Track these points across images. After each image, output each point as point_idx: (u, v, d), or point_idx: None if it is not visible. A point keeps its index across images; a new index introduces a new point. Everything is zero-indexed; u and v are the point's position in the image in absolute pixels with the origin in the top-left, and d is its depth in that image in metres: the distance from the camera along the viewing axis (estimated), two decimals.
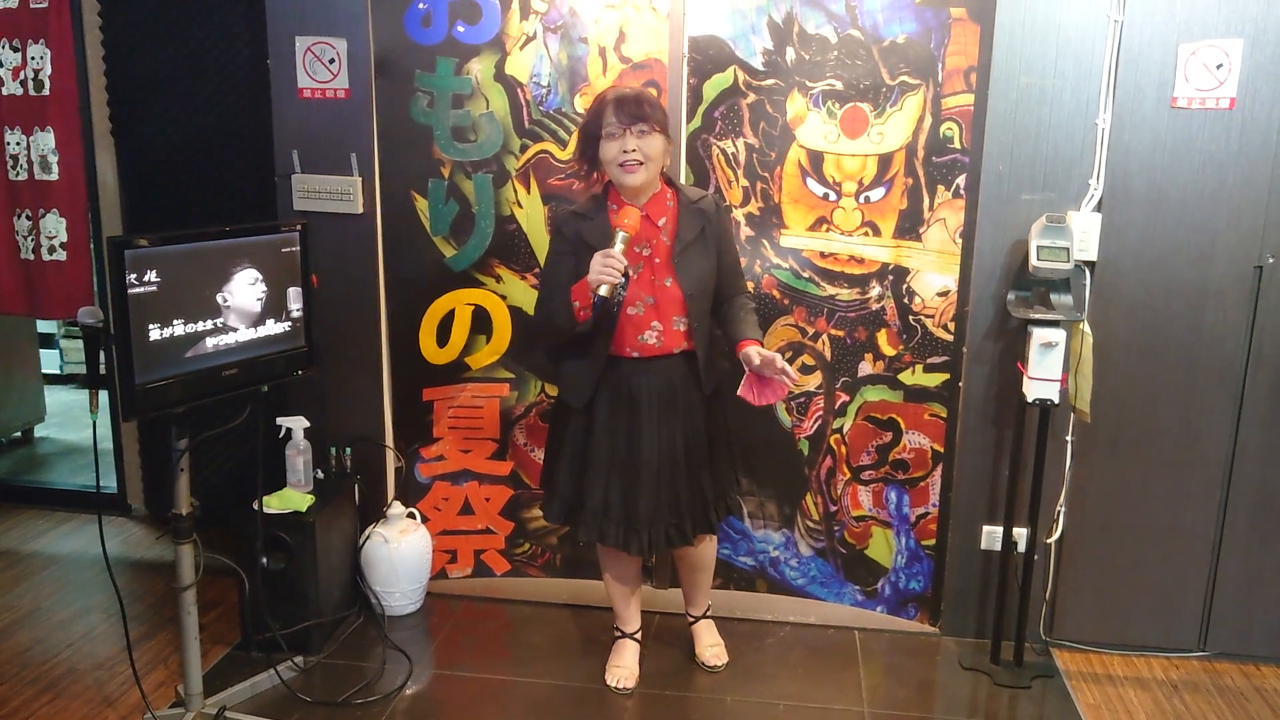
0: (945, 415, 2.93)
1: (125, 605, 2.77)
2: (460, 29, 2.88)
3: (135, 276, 2.14)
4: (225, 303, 2.35)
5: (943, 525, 2.98)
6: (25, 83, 3.35)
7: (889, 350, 2.93)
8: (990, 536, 2.94)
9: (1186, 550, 2.89)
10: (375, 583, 3.05)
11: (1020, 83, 2.71)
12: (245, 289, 2.39)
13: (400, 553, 3.03)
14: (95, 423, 2.33)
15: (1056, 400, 2.66)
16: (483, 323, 3.06)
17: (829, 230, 2.88)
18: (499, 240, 3.00)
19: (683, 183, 2.76)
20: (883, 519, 3.03)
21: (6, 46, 3.34)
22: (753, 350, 2.42)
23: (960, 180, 2.80)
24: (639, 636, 2.83)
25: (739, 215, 2.88)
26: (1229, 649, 2.94)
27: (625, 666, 2.76)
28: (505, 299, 3.04)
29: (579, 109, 2.88)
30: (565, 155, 2.92)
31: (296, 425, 2.89)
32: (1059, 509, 2.89)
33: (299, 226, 2.55)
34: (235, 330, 2.39)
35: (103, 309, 2.21)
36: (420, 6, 2.88)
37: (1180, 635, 2.95)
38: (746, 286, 2.72)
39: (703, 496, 2.60)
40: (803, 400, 2.96)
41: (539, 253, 2.99)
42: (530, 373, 3.07)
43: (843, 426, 2.99)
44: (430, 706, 2.68)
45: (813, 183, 2.86)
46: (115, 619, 3.03)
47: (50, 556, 3.52)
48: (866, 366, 2.94)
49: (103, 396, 3.56)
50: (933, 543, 3.00)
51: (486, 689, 2.75)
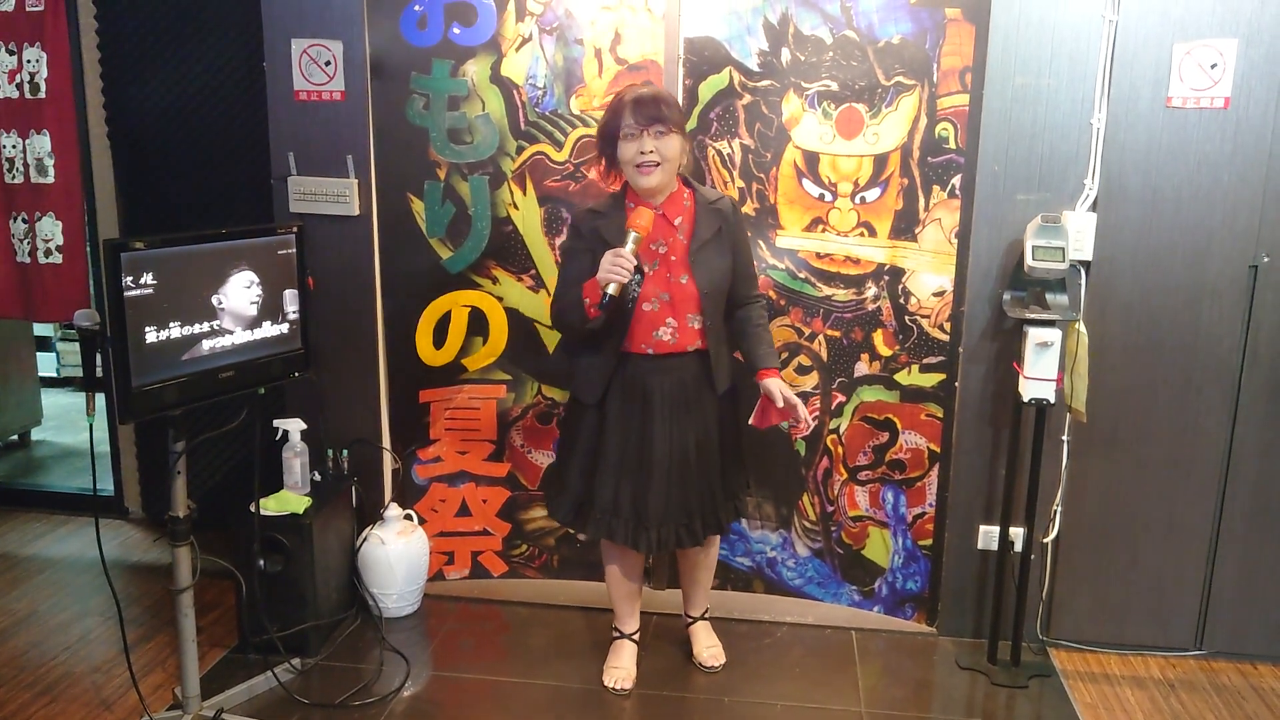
0: (942, 415, 2.94)
1: (122, 608, 2.77)
2: (456, 31, 2.88)
3: (131, 279, 2.14)
4: (220, 305, 2.35)
5: (939, 525, 2.98)
6: (21, 86, 3.35)
7: (885, 350, 2.93)
8: (987, 536, 2.94)
9: (1183, 549, 2.89)
10: (372, 584, 3.05)
11: (1015, 83, 2.71)
12: (240, 291, 2.39)
13: (397, 554, 3.03)
14: (92, 426, 2.33)
15: (1052, 400, 2.66)
16: (479, 324, 3.06)
17: (825, 231, 2.88)
18: (495, 242, 3.00)
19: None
20: (880, 519, 3.03)
21: (2, 49, 3.33)
22: (775, 388, 2.49)
23: (956, 180, 2.81)
24: (637, 638, 2.83)
25: None
26: (1226, 648, 2.95)
27: (623, 667, 2.77)
28: (502, 301, 3.04)
29: (575, 110, 2.88)
30: (561, 157, 2.92)
31: (293, 427, 2.89)
32: (1055, 508, 2.90)
33: (295, 229, 2.55)
34: (231, 333, 2.39)
35: (99, 312, 2.21)
36: (416, 8, 2.88)
37: (1177, 634, 2.96)
38: (759, 290, 2.72)
39: (713, 496, 2.61)
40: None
41: (535, 254, 2.99)
42: (528, 375, 3.07)
43: (839, 427, 2.99)
44: (428, 708, 2.68)
45: (808, 183, 2.86)
46: (112, 622, 3.02)
47: (47, 559, 3.52)
48: (863, 367, 2.95)
49: (100, 399, 3.59)
50: (929, 543, 3.01)
51: (484, 690, 2.75)
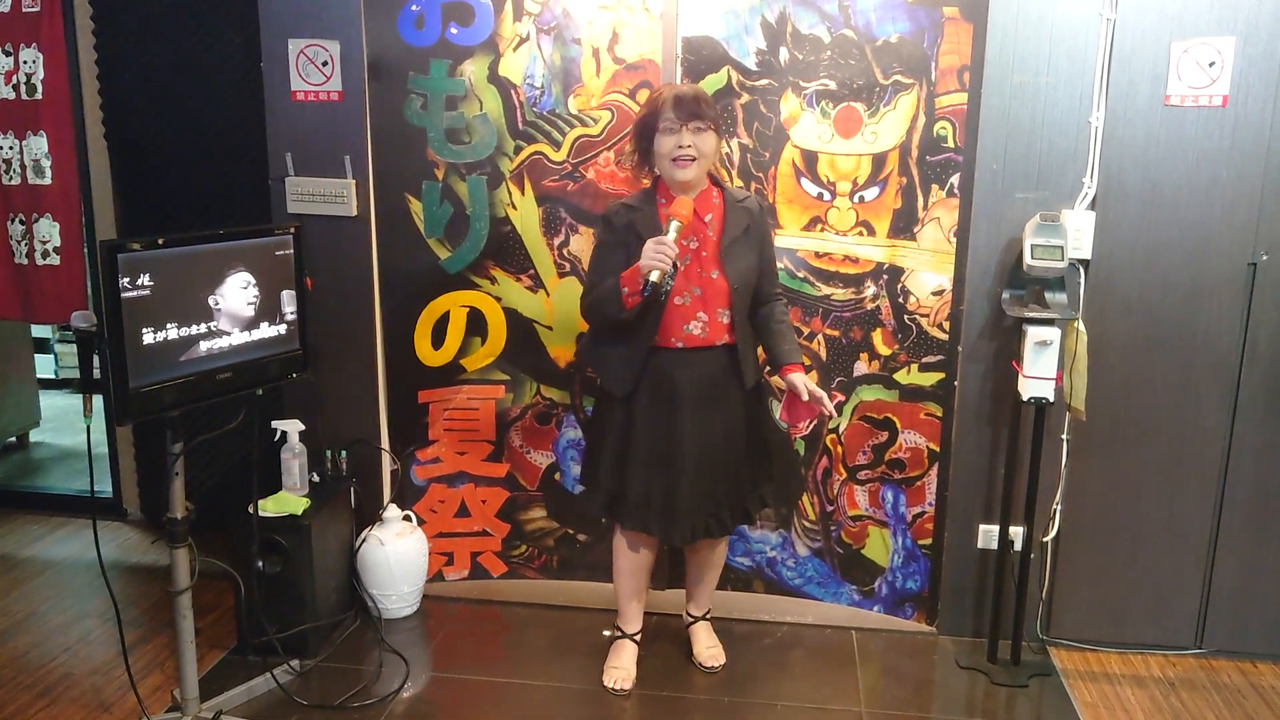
0: (941, 414, 2.93)
1: (121, 610, 2.76)
2: (453, 31, 2.88)
3: (128, 280, 2.14)
4: (217, 306, 2.34)
5: (939, 524, 2.98)
6: (18, 87, 3.34)
7: (884, 350, 2.93)
8: (987, 535, 2.94)
9: (1183, 548, 2.89)
10: (371, 586, 3.05)
11: (1013, 81, 2.71)
12: (237, 292, 2.39)
13: (396, 555, 3.03)
14: (90, 427, 2.33)
15: (1052, 398, 2.66)
16: (478, 325, 3.06)
17: (824, 230, 2.88)
18: (493, 242, 2.99)
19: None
20: (879, 519, 3.03)
21: None
22: (800, 382, 2.54)
23: (954, 179, 2.80)
24: (639, 638, 2.83)
25: None
26: (1225, 646, 2.95)
27: (623, 668, 2.76)
28: (500, 301, 3.03)
29: (573, 110, 2.88)
30: (559, 156, 2.91)
31: (292, 428, 2.89)
32: (1055, 507, 2.89)
33: (293, 229, 2.54)
34: (229, 334, 2.38)
35: (97, 313, 2.20)
36: (413, 8, 2.88)
37: (1177, 633, 2.96)
38: (779, 287, 2.74)
39: (740, 488, 2.64)
40: None
41: (533, 254, 2.99)
42: (527, 375, 3.07)
43: (839, 426, 2.99)
44: (427, 709, 2.67)
45: (807, 183, 2.86)
46: (111, 623, 3.02)
47: (46, 561, 3.51)
48: (862, 366, 2.94)
49: (97, 401, 3.57)
50: (929, 542, 3.01)
51: (483, 691, 2.75)
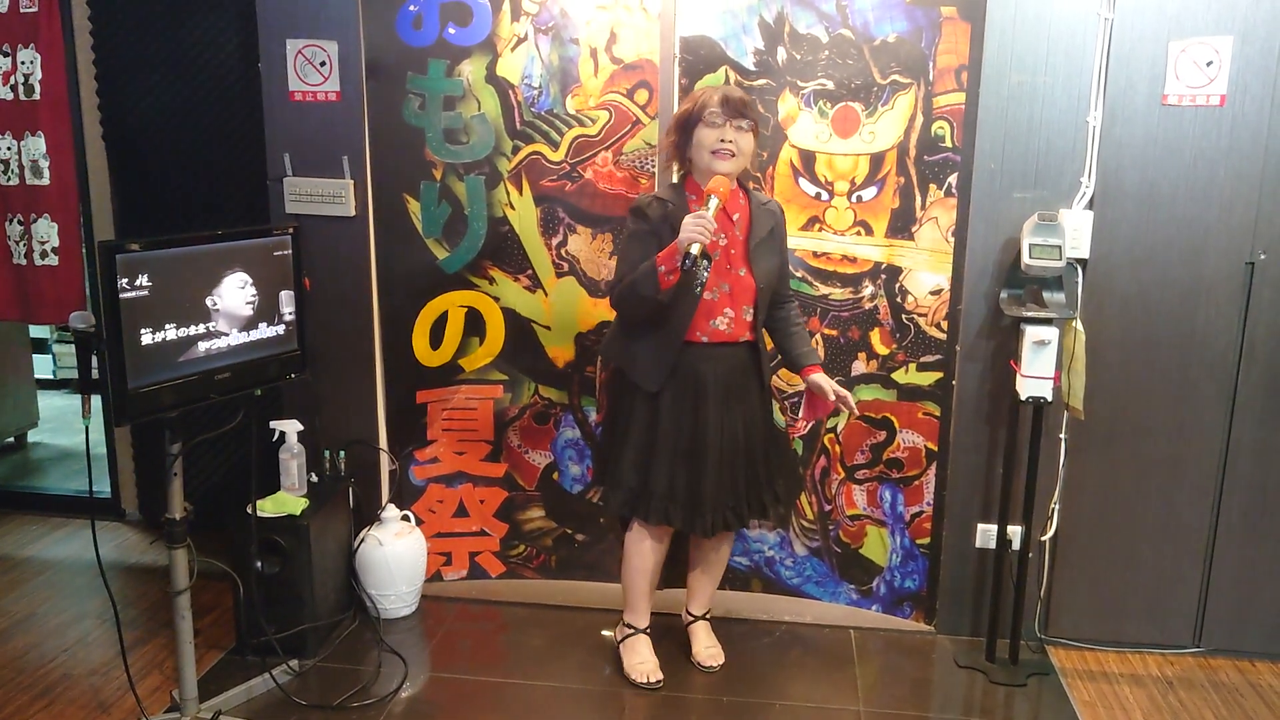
0: (939, 414, 2.93)
1: (120, 610, 2.77)
2: (451, 31, 2.88)
3: (127, 281, 2.14)
4: (215, 307, 2.34)
5: (937, 524, 2.98)
6: (15, 87, 3.34)
7: (882, 349, 2.93)
8: (985, 534, 2.94)
9: (1181, 546, 2.89)
10: (370, 586, 3.05)
11: (1011, 81, 2.71)
12: (234, 292, 2.39)
13: (395, 555, 3.03)
14: (88, 428, 2.33)
15: (1050, 398, 2.66)
16: (476, 325, 3.06)
17: (821, 230, 2.88)
18: (491, 242, 2.99)
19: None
20: (877, 518, 3.03)
21: None
22: (825, 383, 2.63)
23: (952, 179, 2.80)
24: (649, 632, 2.84)
25: None
26: (1224, 645, 2.95)
27: (648, 661, 2.78)
28: (498, 301, 3.03)
29: (571, 110, 2.88)
30: (557, 157, 2.92)
31: (290, 429, 2.89)
32: (1053, 506, 2.90)
33: (291, 230, 2.54)
34: (227, 334, 2.38)
35: (95, 314, 2.20)
36: (411, 8, 2.88)
37: (1175, 632, 2.96)
38: (792, 290, 2.80)
39: (758, 482, 2.69)
40: (796, 400, 2.96)
41: (531, 254, 2.99)
42: (525, 375, 3.07)
43: (836, 426, 2.99)
44: (426, 709, 2.67)
45: (805, 182, 2.86)
46: (110, 624, 3.02)
47: (44, 562, 3.51)
48: (860, 366, 2.95)
49: (96, 401, 3.58)
50: (927, 541, 3.01)
51: (482, 691, 2.75)
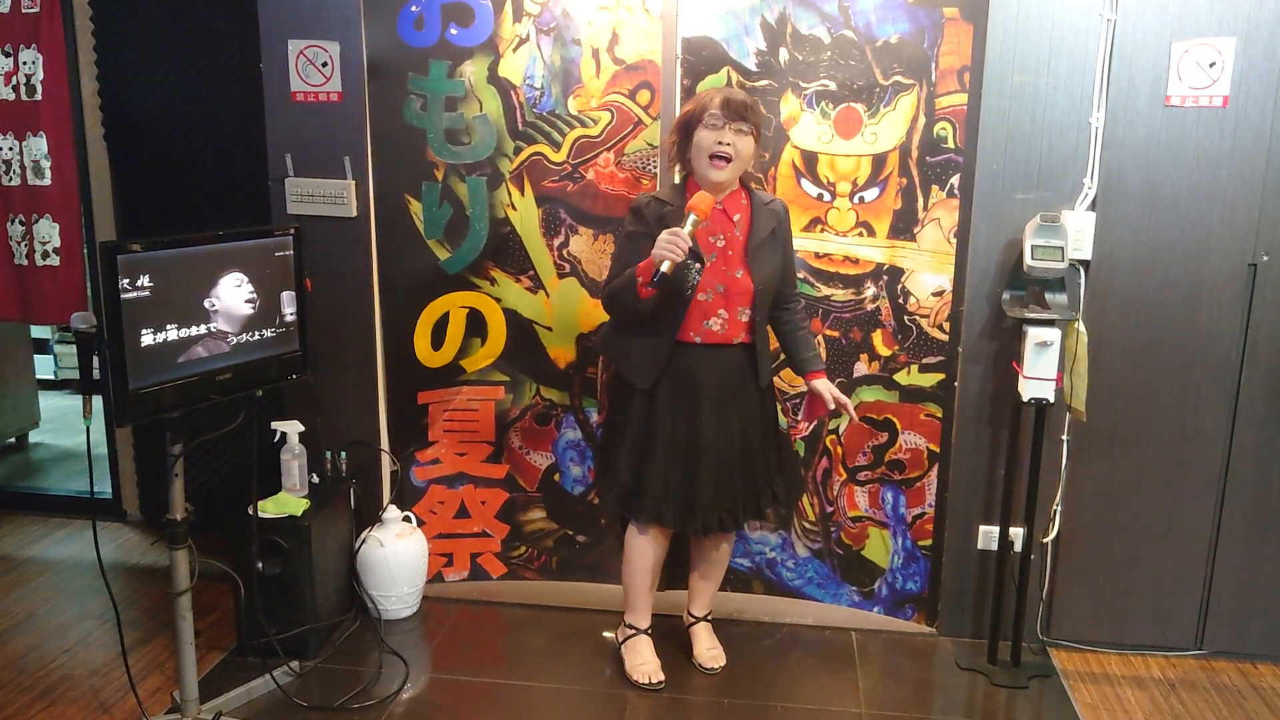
0: (941, 415, 2.93)
1: (120, 611, 2.76)
2: (453, 31, 2.87)
3: (128, 281, 2.13)
4: (213, 308, 2.34)
5: (939, 525, 2.98)
6: (17, 88, 3.34)
7: (884, 351, 2.92)
8: (987, 536, 2.94)
9: (1183, 549, 2.89)
10: (371, 587, 3.04)
11: (1014, 81, 2.71)
12: (233, 293, 2.39)
13: (396, 556, 3.02)
14: (89, 428, 2.32)
15: (1052, 399, 2.66)
16: (477, 325, 3.06)
17: (823, 231, 2.88)
18: (493, 243, 2.99)
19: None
20: (879, 520, 3.02)
21: None
22: (825, 390, 2.67)
23: (954, 180, 2.80)
24: (650, 632, 2.83)
25: None
26: (1226, 647, 2.94)
27: (650, 662, 2.78)
28: (500, 301, 3.03)
29: (572, 111, 2.88)
30: (559, 157, 2.91)
31: (291, 429, 2.89)
32: (1055, 508, 2.89)
33: (292, 230, 2.54)
34: (228, 335, 2.38)
35: (96, 314, 2.20)
36: (413, 9, 2.87)
37: (1177, 634, 2.95)
38: (798, 290, 2.78)
39: (755, 484, 2.68)
40: (798, 401, 2.96)
41: (533, 255, 2.98)
42: (527, 376, 3.07)
43: (838, 427, 2.99)
44: (427, 710, 2.67)
45: (807, 183, 2.85)
46: (111, 625, 3.02)
47: (45, 562, 3.51)
48: (862, 367, 2.94)
49: (97, 402, 3.57)
50: (929, 543, 3.00)
51: (483, 692, 2.74)
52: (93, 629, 3.05)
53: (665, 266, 2.36)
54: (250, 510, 2.73)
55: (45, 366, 5.58)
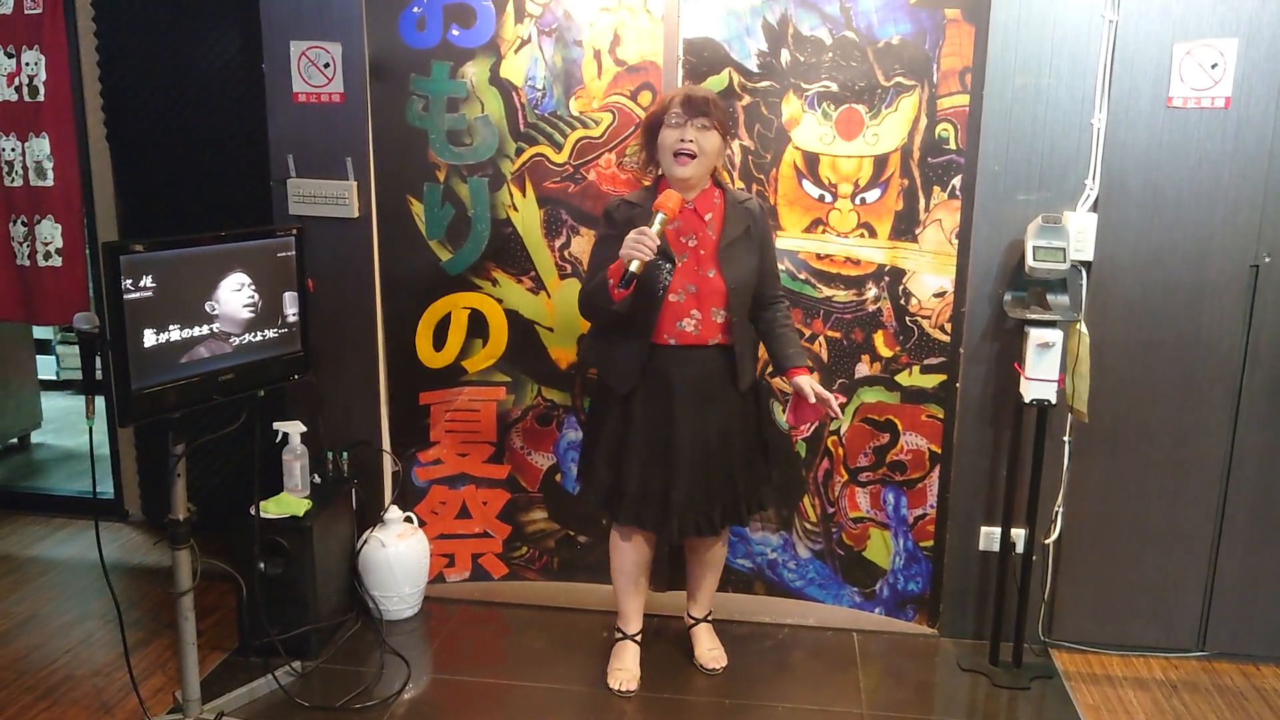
0: (943, 416, 2.93)
1: (123, 611, 2.76)
2: (455, 33, 2.88)
3: (130, 282, 2.14)
4: (214, 310, 2.34)
5: (941, 526, 2.98)
6: (20, 89, 3.35)
7: (886, 352, 2.92)
8: (988, 537, 2.94)
9: (1185, 550, 2.89)
10: (373, 587, 3.05)
11: (1015, 83, 2.71)
12: (234, 294, 2.39)
13: (398, 557, 3.03)
14: (92, 429, 2.33)
15: (1054, 400, 2.66)
16: (479, 326, 3.06)
17: (825, 232, 2.88)
18: (495, 244, 2.99)
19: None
20: (881, 520, 3.02)
21: (1, 52, 3.34)
22: (806, 385, 2.54)
23: (956, 181, 2.80)
24: (639, 638, 2.83)
25: None
26: (1228, 649, 2.94)
27: (627, 669, 2.76)
28: (501, 302, 3.03)
29: (574, 112, 2.88)
30: (560, 158, 2.91)
31: (293, 430, 2.89)
32: (1057, 509, 2.89)
33: (294, 231, 2.55)
34: (230, 335, 2.38)
35: (99, 315, 2.20)
36: (415, 10, 2.88)
37: (1179, 635, 2.95)
38: (781, 289, 2.74)
39: (734, 488, 2.64)
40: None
41: (535, 256, 2.99)
42: (528, 377, 3.07)
43: (840, 428, 2.99)
44: (428, 711, 2.67)
45: (808, 184, 2.86)
46: (113, 625, 3.02)
47: (47, 562, 3.51)
48: (863, 368, 2.94)
49: (99, 402, 3.58)
50: (931, 544, 3.00)
51: (484, 693, 2.74)
52: (95, 629, 3.05)
53: (634, 266, 2.33)
54: (252, 510, 2.74)
55: (48, 367, 5.59)
